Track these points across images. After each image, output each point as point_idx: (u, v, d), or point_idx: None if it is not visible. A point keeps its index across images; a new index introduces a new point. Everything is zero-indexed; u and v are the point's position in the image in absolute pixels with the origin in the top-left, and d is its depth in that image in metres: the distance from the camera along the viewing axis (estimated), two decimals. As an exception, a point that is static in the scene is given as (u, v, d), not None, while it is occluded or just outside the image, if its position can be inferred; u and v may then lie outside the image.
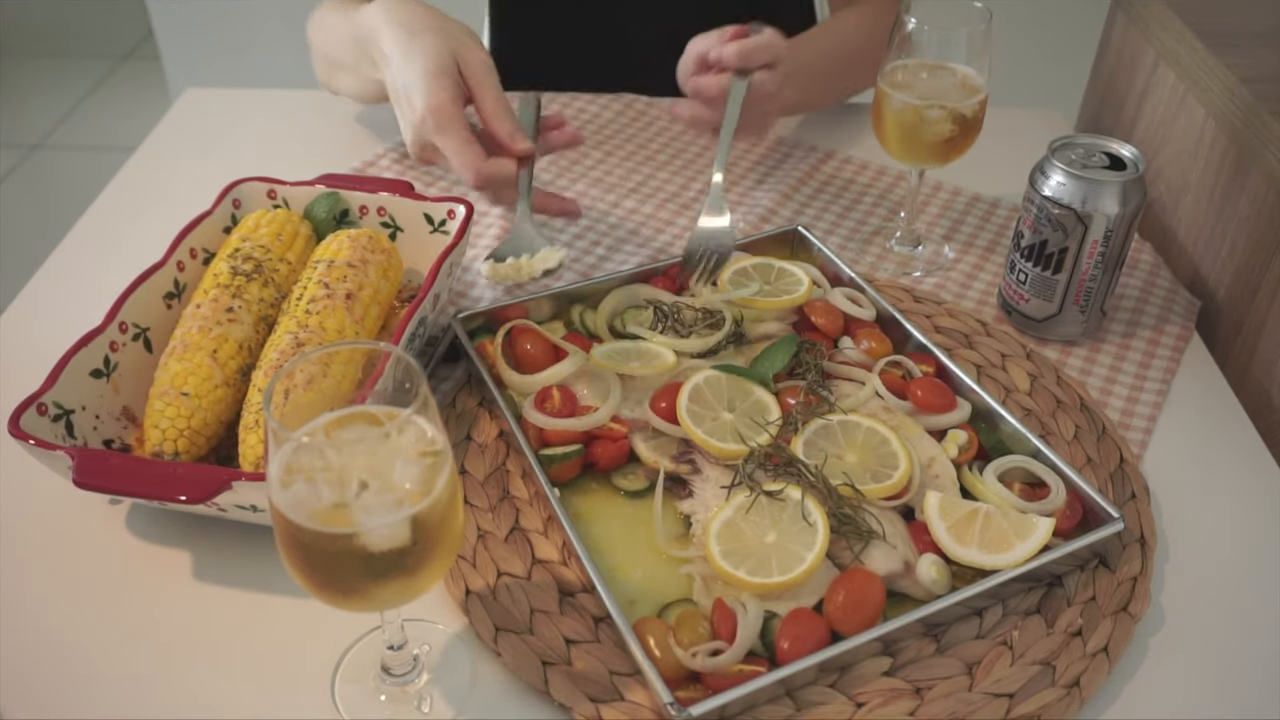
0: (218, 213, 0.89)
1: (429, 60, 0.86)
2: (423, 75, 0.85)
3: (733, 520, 0.68)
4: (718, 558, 0.66)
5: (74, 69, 3.26)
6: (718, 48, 0.94)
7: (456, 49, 0.87)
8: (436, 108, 0.84)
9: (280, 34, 2.43)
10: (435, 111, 0.84)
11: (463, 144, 0.84)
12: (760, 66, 0.95)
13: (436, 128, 0.84)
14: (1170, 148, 1.07)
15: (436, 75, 0.85)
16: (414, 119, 0.85)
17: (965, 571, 0.68)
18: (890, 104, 0.92)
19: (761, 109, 0.99)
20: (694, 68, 0.97)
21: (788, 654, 0.63)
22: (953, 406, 0.79)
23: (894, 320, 0.86)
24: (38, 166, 2.85)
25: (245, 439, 0.72)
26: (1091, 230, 0.84)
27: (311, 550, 0.54)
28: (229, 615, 0.69)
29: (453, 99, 0.85)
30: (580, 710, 0.63)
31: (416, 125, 0.86)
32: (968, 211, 1.09)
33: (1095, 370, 0.90)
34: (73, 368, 0.73)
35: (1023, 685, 0.65)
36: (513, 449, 0.79)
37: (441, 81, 0.85)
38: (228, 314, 0.77)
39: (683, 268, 0.90)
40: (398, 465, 0.54)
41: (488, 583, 0.70)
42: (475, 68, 0.87)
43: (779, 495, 0.69)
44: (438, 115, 0.84)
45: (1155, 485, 0.80)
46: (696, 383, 0.77)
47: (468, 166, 0.84)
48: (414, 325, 0.77)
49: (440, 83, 0.85)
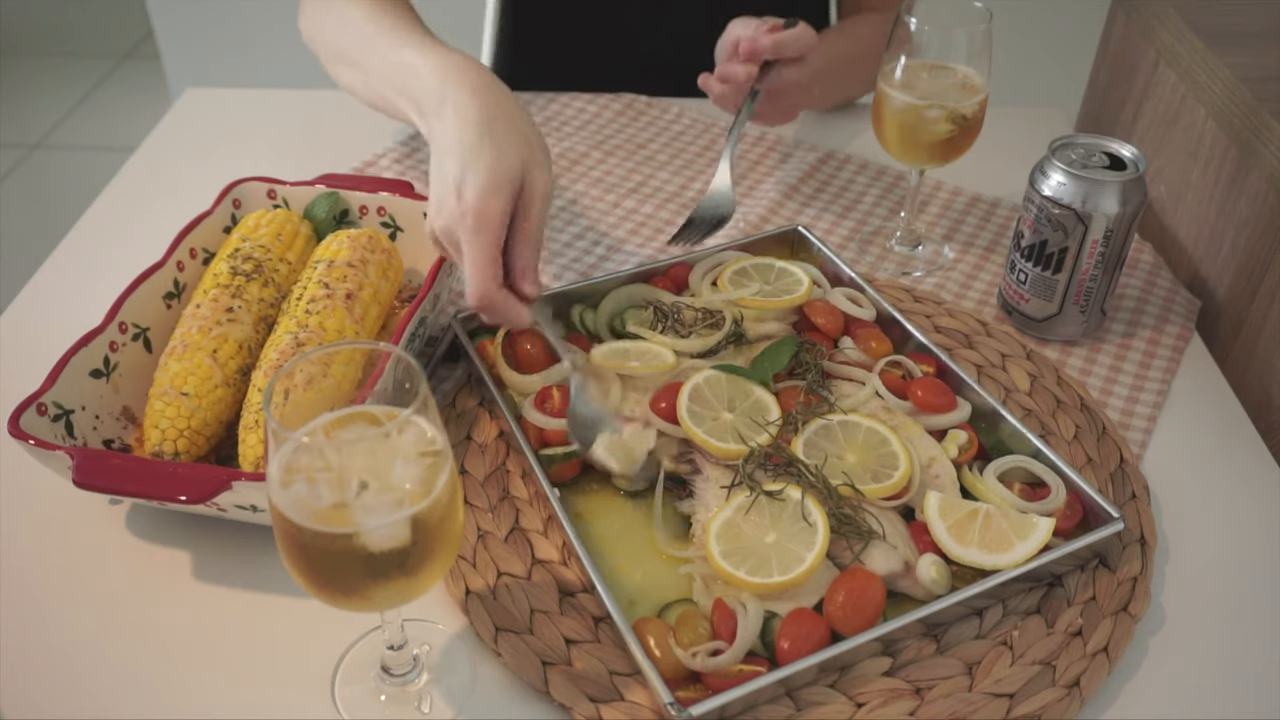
0: (218, 213, 0.89)
1: (501, 162, 0.76)
2: (489, 173, 0.76)
3: (733, 520, 0.69)
4: (718, 558, 0.66)
5: (74, 69, 3.26)
6: (754, 38, 0.98)
7: (529, 162, 0.78)
8: (485, 213, 0.75)
9: (280, 34, 2.42)
10: (481, 216, 0.75)
11: (487, 260, 0.76)
12: (791, 59, 0.99)
13: (474, 230, 0.75)
14: (1170, 148, 1.07)
15: (500, 184, 0.76)
16: (455, 210, 0.76)
17: (965, 571, 0.68)
18: (890, 104, 0.92)
19: (790, 100, 1.03)
20: (729, 51, 1.01)
21: (788, 654, 0.63)
22: (953, 406, 0.79)
23: (894, 320, 0.86)
24: (38, 166, 2.85)
25: (245, 439, 0.72)
26: (1091, 230, 0.84)
27: (311, 550, 0.54)
28: (229, 615, 0.69)
29: (503, 213, 0.76)
30: (580, 710, 0.63)
31: (455, 217, 0.76)
32: (968, 211, 1.09)
33: (1095, 370, 0.90)
34: (72, 368, 0.73)
35: (1023, 685, 0.65)
36: (513, 449, 0.79)
37: (504, 192, 0.76)
38: (228, 314, 0.77)
39: (681, 230, 0.95)
40: (398, 465, 0.54)
41: (488, 583, 0.70)
42: (534, 190, 0.78)
43: (779, 495, 0.69)
44: (481, 220, 0.75)
45: (1155, 485, 0.80)
46: (696, 383, 0.77)
47: (480, 282, 0.76)
48: (414, 325, 0.77)
49: (502, 193, 0.76)
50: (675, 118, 1.22)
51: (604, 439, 0.74)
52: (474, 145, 0.77)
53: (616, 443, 0.74)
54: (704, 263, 0.92)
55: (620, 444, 0.74)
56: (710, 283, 0.90)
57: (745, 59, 0.99)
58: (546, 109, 1.22)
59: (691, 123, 1.21)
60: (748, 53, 0.98)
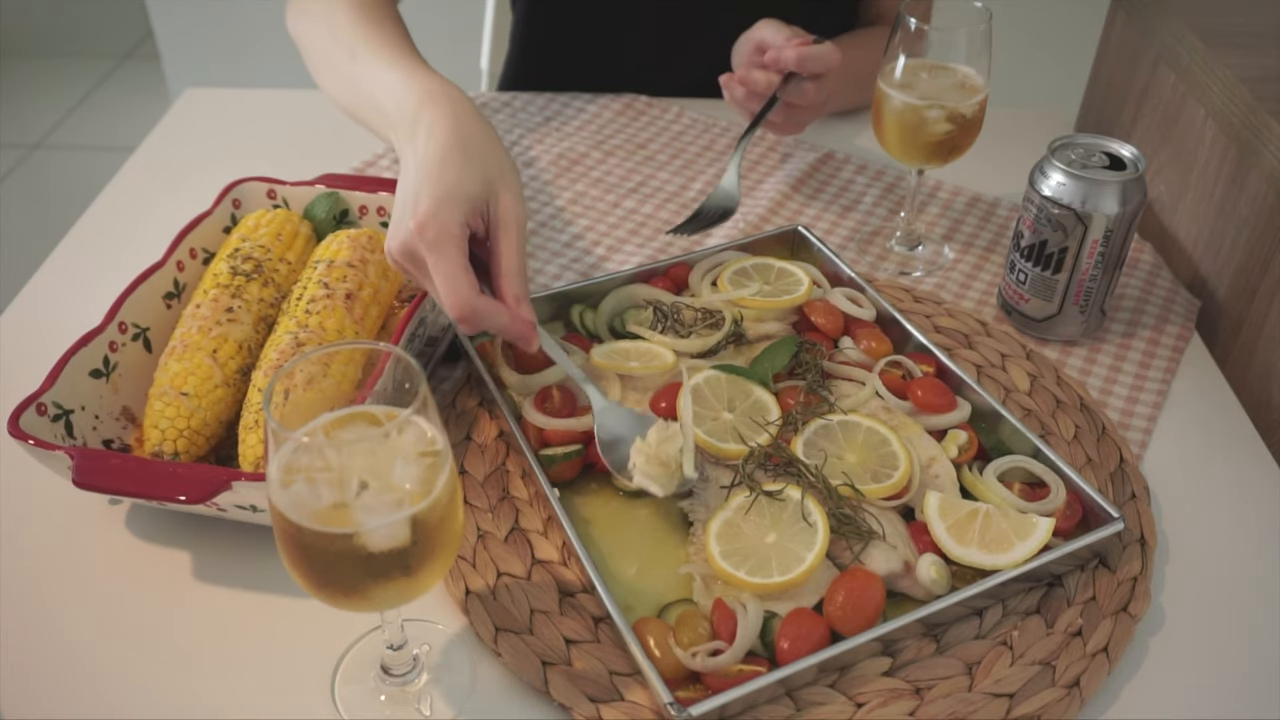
0: (217, 213, 0.89)
1: (462, 180, 0.73)
2: (446, 187, 0.72)
3: (732, 520, 0.69)
4: (717, 558, 0.66)
5: (74, 69, 3.26)
6: (781, 48, 0.99)
7: (496, 185, 0.75)
8: (442, 221, 0.71)
9: (280, 34, 2.42)
10: (440, 225, 0.71)
11: (456, 268, 0.71)
12: (813, 75, 1.01)
13: (434, 241, 0.71)
14: (1170, 148, 1.07)
15: (458, 197, 0.72)
16: (410, 223, 0.72)
17: (965, 571, 0.68)
18: (890, 104, 0.92)
19: (803, 116, 1.06)
20: (750, 54, 1.03)
21: (788, 654, 0.63)
22: (953, 406, 0.79)
23: (894, 320, 0.86)
24: (38, 166, 2.85)
25: (245, 439, 0.72)
26: (1091, 230, 0.84)
27: (311, 550, 0.54)
28: (229, 615, 0.69)
29: (461, 224, 0.72)
30: (580, 710, 0.63)
31: (411, 230, 0.72)
32: (968, 211, 1.09)
33: (1095, 370, 0.90)
34: (72, 368, 0.73)
35: (1023, 685, 0.65)
36: (513, 449, 0.79)
37: (461, 206, 0.72)
38: (227, 314, 0.77)
39: (684, 223, 0.97)
40: (397, 465, 0.54)
41: (488, 583, 0.70)
42: (507, 213, 0.74)
43: (779, 495, 0.69)
44: (440, 230, 0.71)
45: (1155, 485, 0.80)
46: (696, 383, 0.77)
47: (455, 293, 0.70)
48: (414, 325, 0.77)
49: (459, 206, 0.72)
50: (675, 118, 1.22)
51: (635, 455, 0.71)
52: (438, 163, 0.74)
53: (650, 458, 0.71)
54: (704, 263, 0.92)
55: (654, 459, 0.71)
56: (710, 283, 0.90)
57: (769, 67, 1.00)
58: (546, 109, 1.22)
59: (691, 123, 1.21)
60: (772, 61, 1.00)
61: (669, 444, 0.71)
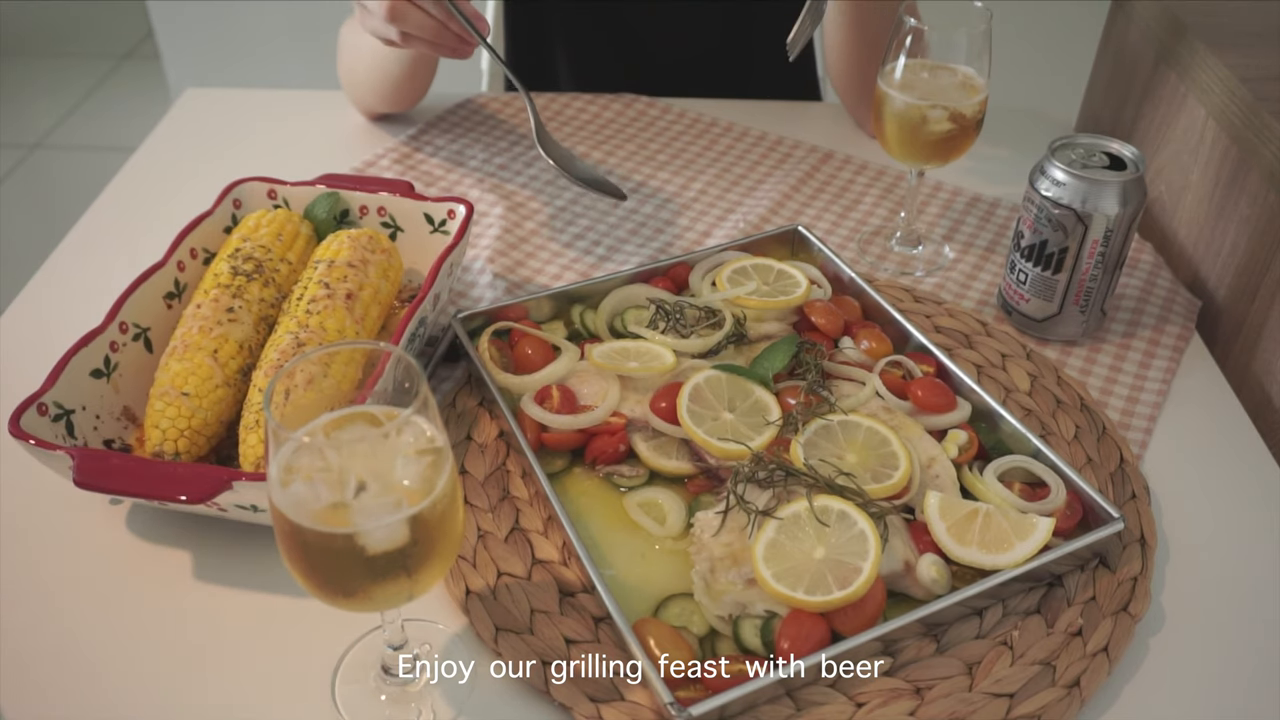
0: (218, 213, 0.89)
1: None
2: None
3: (776, 541, 0.66)
4: (771, 581, 0.64)
5: (74, 69, 3.26)
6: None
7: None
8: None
9: (280, 34, 2.43)
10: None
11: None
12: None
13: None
14: (1170, 148, 1.07)
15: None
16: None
17: (965, 571, 0.68)
18: (890, 104, 0.92)
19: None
20: None
21: (788, 654, 0.63)
22: (953, 406, 0.79)
23: (894, 320, 0.86)
24: (38, 166, 2.85)
25: (245, 439, 0.72)
26: (1091, 230, 0.84)
27: (311, 550, 0.54)
28: (229, 615, 0.69)
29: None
30: (580, 710, 0.63)
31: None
32: (968, 211, 1.09)
33: (1095, 370, 0.90)
34: (73, 368, 0.73)
35: (1023, 685, 0.65)
36: (513, 449, 0.79)
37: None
38: (228, 314, 0.77)
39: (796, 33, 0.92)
40: (397, 465, 0.54)
41: (488, 583, 0.70)
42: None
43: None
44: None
45: (1155, 485, 0.80)
46: (696, 383, 0.77)
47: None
48: (414, 325, 0.77)
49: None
50: (675, 118, 1.22)
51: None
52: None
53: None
54: (704, 263, 0.92)
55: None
56: (710, 283, 0.90)
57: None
58: (547, 109, 1.22)
59: (691, 123, 1.21)
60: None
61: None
